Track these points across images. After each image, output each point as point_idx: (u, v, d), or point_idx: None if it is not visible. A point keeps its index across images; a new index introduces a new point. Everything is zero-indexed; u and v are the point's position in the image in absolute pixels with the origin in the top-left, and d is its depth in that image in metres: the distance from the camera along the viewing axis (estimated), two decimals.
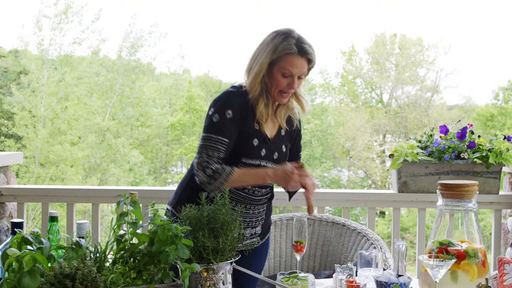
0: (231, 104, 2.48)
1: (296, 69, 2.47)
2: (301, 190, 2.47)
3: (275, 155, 2.58)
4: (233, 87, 2.56)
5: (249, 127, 2.51)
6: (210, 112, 2.49)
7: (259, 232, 2.66)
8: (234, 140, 2.48)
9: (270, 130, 2.59)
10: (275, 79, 2.48)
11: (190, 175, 2.62)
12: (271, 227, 3.10)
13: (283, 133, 2.63)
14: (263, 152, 2.52)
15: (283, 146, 2.63)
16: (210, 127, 2.46)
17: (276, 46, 2.46)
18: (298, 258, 2.41)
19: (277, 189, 2.87)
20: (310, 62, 2.51)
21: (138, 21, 25.89)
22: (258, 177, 2.47)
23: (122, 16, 31.38)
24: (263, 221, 2.68)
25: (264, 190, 2.61)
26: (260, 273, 2.69)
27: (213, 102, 2.52)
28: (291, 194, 2.74)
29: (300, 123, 2.75)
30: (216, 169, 2.40)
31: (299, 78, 2.51)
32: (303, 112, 2.65)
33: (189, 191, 2.58)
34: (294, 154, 2.72)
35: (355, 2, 29.37)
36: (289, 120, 2.66)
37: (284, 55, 2.45)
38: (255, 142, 2.51)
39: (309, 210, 2.48)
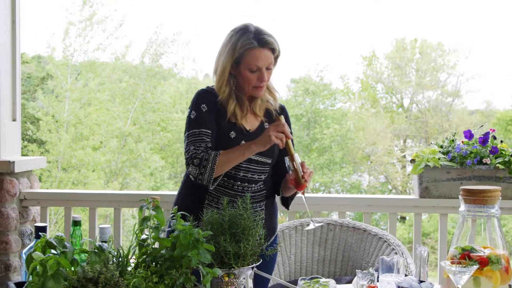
0: (203, 100, 2.55)
1: (261, 61, 2.48)
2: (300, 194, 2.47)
3: None
4: (203, 88, 2.62)
5: (224, 122, 2.54)
6: (188, 113, 2.56)
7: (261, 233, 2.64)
8: (216, 131, 2.53)
9: (250, 123, 2.60)
10: (244, 77, 2.51)
11: (185, 182, 2.67)
12: (292, 232, 3.10)
13: (267, 126, 2.62)
14: (243, 143, 2.53)
15: None
16: (191, 124, 2.53)
17: (235, 44, 2.48)
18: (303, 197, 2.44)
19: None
20: (274, 51, 2.51)
21: (162, 30, 26.09)
22: (243, 148, 2.45)
23: (145, 22, 31.61)
24: (263, 221, 2.65)
25: (255, 186, 2.59)
26: None
27: (190, 105, 2.59)
28: (288, 201, 2.72)
29: (283, 110, 2.73)
30: (203, 156, 2.43)
31: (268, 69, 2.52)
32: (275, 102, 2.66)
33: (186, 198, 2.64)
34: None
35: (375, 7, 29.27)
36: (268, 113, 2.66)
37: (245, 51, 2.47)
38: (232, 134, 2.54)
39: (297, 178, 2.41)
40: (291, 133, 2.66)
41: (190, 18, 30.59)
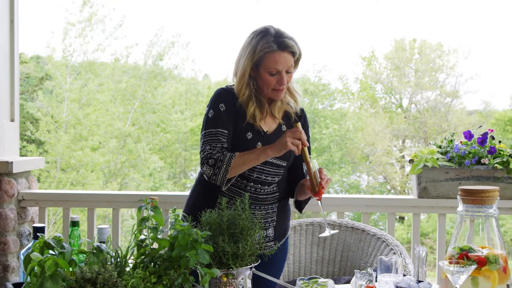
0: (223, 99, 2.53)
1: (280, 65, 2.46)
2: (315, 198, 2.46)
3: None
4: (223, 87, 2.60)
5: (242, 123, 2.53)
6: (206, 111, 2.55)
7: (272, 235, 2.64)
8: (232, 131, 2.51)
9: (268, 125, 2.59)
10: (264, 79, 2.48)
11: (198, 181, 2.66)
12: (291, 232, 3.10)
13: (284, 128, 2.62)
14: (259, 144, 2.52)
15: None
16: (208, 123, 2.51)
17: (255, 47, 2.46)
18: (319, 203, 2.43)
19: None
20: (294, 54, 2.49)
21: (162, 32, 26.10)
22: (259, 152, 2.45)
23: (145, 23, 31.66)
24: (274, 223, 2.65)
25: (267, 188, 2.59)
26: (278, 279, 2.69)
27: (208, 103, 2.57)
28: (302, 205, 2.73)
29: (302, 113, 2.72)
30: (218, 157, 2.42)
31: (288, 72, 2.50)
32: (296, 104, 2.65)
33: (199, 197, 2.62)
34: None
35: (374, 7, 29.29)
36: (287, 116, 2.66)
37: (265, 55, 2.44)
38: (249, 135, 2.52)
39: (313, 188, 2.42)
40: (309, 138, 2.61)
41: (189, 19, 30.67)
